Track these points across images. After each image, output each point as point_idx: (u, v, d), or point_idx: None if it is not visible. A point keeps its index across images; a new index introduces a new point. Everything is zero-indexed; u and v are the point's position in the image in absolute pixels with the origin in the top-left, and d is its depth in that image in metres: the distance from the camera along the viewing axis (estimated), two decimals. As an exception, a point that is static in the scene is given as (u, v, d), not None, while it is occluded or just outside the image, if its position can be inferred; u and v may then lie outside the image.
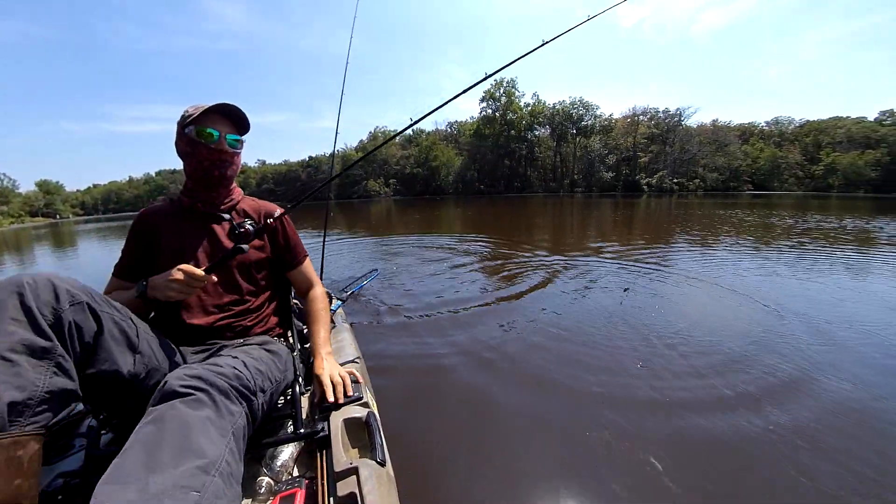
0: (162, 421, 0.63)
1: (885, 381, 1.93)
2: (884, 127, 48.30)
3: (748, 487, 1.35)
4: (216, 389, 0.73)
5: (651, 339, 2.55)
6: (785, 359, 2.23)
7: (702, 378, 2.04)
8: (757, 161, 49.84)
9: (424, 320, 3.03)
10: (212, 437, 0.64)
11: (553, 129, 51.67)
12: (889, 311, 2.95)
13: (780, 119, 57.33)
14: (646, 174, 49.80)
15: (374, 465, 0.86)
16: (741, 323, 2.84)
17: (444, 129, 62.94)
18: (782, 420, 1.69)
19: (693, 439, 1.58)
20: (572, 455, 1.47)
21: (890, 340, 2.41)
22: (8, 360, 0.63)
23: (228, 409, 0.73)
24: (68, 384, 0.70)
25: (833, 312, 2.97)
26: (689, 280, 4.10)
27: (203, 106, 1.07)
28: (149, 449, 0.59)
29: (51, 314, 0.71)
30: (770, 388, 1.94)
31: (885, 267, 4.54)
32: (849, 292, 3.51)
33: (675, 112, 50.63)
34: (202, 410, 0.68)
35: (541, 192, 49.27)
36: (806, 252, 5.52)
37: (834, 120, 52.54)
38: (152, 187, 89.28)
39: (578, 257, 5.60)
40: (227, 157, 1.13)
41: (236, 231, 1.03)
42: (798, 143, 52.21)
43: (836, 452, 1.48)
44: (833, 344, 2.41)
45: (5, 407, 0.60)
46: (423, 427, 1.72)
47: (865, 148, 46.54)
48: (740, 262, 4.93)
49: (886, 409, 1.71)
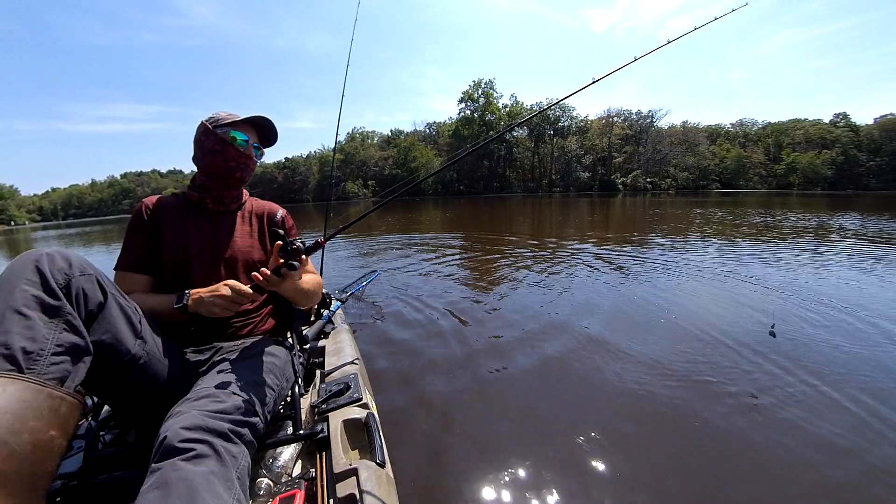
0: (166, 485, 0.63)
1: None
2: (837, 129, 51.49)
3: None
4: (216, 435, 0.73)
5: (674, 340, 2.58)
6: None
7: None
8: (724, 161, 52.19)
9: (424, 321, 3.00)
10: (217, 493, 0.65)
11: (531, 130, 52.53)
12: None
13: (744, 121, 60.20)
14: (621, 174, 51.32)
15: (374, 467, 0.86)
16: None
17: (422, 129, 62.97)
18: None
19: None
20: (574, 459, 1.46)
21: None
22: (22, 314, 0.70)
23: (231, 454, 0.72)
24: (78, 340, 0.76)
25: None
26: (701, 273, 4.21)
27: (236, 116, 1.17)
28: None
29: (62, 279, 0.77)
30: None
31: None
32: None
33: (648, 114, 52.50)
34: (205, 465, 0.67)
35: (520, 192, 50.02)
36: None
37: (793, 122, 55.58)
38: (117, 190, 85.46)
39: (573, 253, 5.69)
40: (250, 163, 1.20)
41: (289, 248, 0.96)
42: (761, 143, 54.96)
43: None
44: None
45: (20, 351, 0.67)
46: (424, 428, 1.70)
47: (822, 148, 49.51)
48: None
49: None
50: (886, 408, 1.72)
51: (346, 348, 1.50)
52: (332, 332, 1.74)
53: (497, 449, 1.52)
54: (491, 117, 50.31)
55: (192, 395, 0.82)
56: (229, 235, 1.19)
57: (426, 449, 1.55)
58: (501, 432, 1.63)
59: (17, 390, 0.63)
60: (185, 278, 1.10)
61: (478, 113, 50.89)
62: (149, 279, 1.11)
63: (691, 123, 57.03)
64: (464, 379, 2.08)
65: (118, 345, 0.83)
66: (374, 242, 7.86)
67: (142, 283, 1.10)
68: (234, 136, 1.14)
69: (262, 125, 1.21)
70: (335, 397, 1.12)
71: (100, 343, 0.81)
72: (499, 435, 1.62)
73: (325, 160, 53.17)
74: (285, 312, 1.32)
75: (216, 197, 1.19)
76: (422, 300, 3.55)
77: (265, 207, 1.32)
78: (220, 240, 1.17)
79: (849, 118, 52.65)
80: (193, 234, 1.14)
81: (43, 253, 0.79)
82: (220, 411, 0.77)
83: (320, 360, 1.48)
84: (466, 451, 1.53)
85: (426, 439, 1.61)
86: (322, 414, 1.05)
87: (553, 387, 1.98)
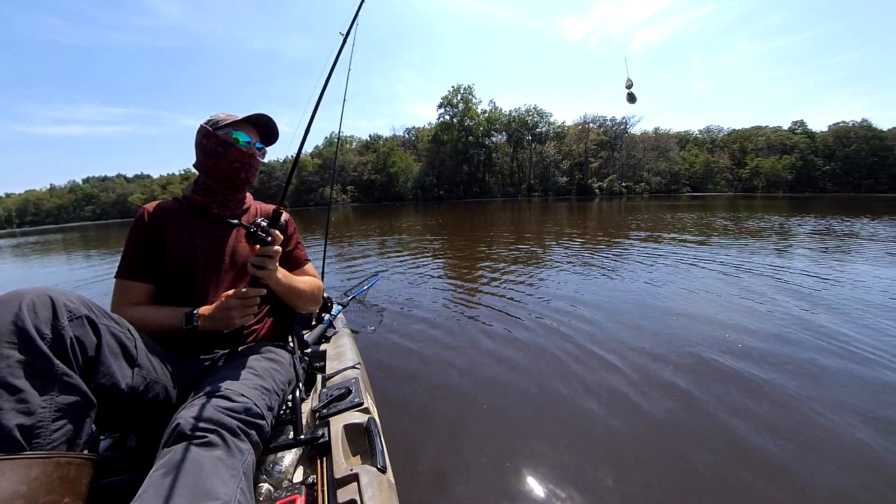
0: (175, 465, 0.65)
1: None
2: (795, 135, 54.80)
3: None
4: (226, 429, 0.74)
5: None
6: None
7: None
8: (693, 165, 54.56)
9: (426, 325, 2.96)
10: (224, 478, 0.66)
11: (510, 135, 53.34)
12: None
13: (711, 128, 63.30)
14: (597, 178, 52.75)
15: (375, 472, 0.85)
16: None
17: (401, 135, 62.93)
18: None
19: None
20: (576, 465, 1.44)
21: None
22: (9, 386, 0.62)
23: (238, 448, 0.74)
24: (79, 398, 0.70)
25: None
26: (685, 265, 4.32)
27: (235, 116, 1.13)
28: (163, 493, 0.61)
29: (51, 332, 0.69)
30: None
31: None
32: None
33: (622, 120, 54.29)
34: (214, 451, 0.69)
35: (499, 196, 50.62)
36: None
37: (755, 129, 58.79)
38: (79, 196, 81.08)
39: (569, 259, 5.76)
40: (255, 163, 1.17)
41: (252, 230, 0.94)
42: (727, 149, 57.88)
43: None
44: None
45: (17, 429, 0.61)
46: (425, 433, 1.65)
47: (782, 153, 52.53)
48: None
49: None
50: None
51: (347, 352, 1.49)
52: (334, 337, 1.74)
53: (500, 456, 1.49)
54: (470, 122, 50.77)
55: (203, 391, 0.81)
56: (236, 240, 1.16)
57: (428, 455, 1.51)
58: (505, 439, 1.60)
59: (23, 469, 0.59)
60: (190, 284, 1.07)
61: (457, 118, 51.24)
62: (150, 287, 1.07)
63: (663, 130, 59.42)
64: (466, 384, 2.05)
65: (116, 382, 0.78)
66: (374, 244, 7.78)
67: (143, 292, 1.06)
68: (236, 136, 1.11)
69: (262, 124, 1.18)
70: (336, 402, 1.10)
71: (98, 387, 0.75)
72: (502, 441, 1.58)
73: (303, 165, 52.23)
74: (286, 316, 1.29)
75: (222, 202, 1.17)
76: (423, 304, 3.52)
77: (269, 210, 1.30)
78: (225, 244, 1.14)
79: (805, 125, 56.19)
80: (199, 239, 1.11)
81: (20, 303, 0.69)
82: (230, 409, 0.77)
83: (321, 365, 1.47)
84: (469, 457, 1.49)
85: (428, 445, 1.57)
86: (323, 419, 1.04)
87: (558, 394, 1.94)
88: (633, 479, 1.36)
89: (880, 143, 49.50)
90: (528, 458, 1.46)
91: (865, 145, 49.74)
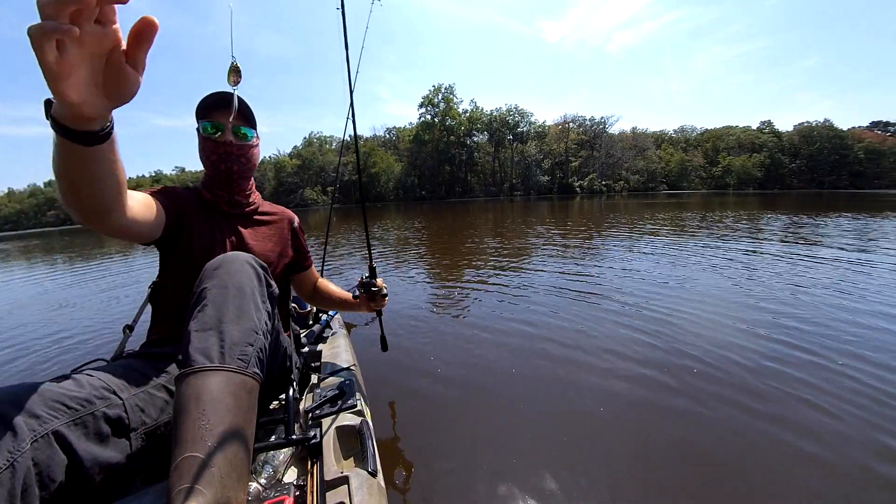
0: (225, 286, 0.78)
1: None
2: (763, 134, 57.19)
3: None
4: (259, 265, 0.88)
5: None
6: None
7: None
8: (669, 164, 56.20)
9: (422, 328, 2.90)
10: (257, 304, 0.80)
11: (491, 135, 53.68)
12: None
13: (685, 127, 65.36)
14: (577, 177, 53.70)
15: (365, 475, 0.85)
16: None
17: (382, 135, 62.36)
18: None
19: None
20: (574, 469, 1.40)
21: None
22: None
23: (268, 283, 0.88)
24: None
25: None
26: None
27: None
28: (218, 306, 0.75)
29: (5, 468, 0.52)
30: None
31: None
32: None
33: (601, 120, 55.44)
34: (254, 281, 0.83)
35: (482, 196, 50.88)
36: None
37: (726, 128, 61.05)
38: (40, 200, 76.65)
39: (563, 263, 5.79)
40: (234, 150, 1.05)
41: (369, 288, 1.29)
42: (700, 148, 59.89)
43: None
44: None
45: None
46: (417, 437, 1.62)
47: (752, 152, 54.75)
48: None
49: None
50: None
51: (342, 353, 1.48)
52: (330, 337, 1.73)
53: (492, 461, 1.45)
54: (452, 122, 50.83)
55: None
56: (251, 238, 1.14)
57: (419, 459, 1.48)
58: (497, 444, 1.56)
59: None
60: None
61: (438, 118, 51.21)
62: (152, 203, 0.93)
63: (640, 129, 61.01)
64: (460, 388, 2.01)
65: (111, 464, 0.69)
66: (358, 243, 7.64)
67: (144, 200, 0.90)
68: (204, 127, 1.02)
69: (226, 101, 1.01)
70: (329, 403, 1.08)
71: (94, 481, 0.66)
72: (495, 447, 1.54)
73: (281, 166, 51.18)
74: (284, 316, 1.25)
75: (227, 201, 1.12)
76: (420, 306, 3.46)
77: (282, 213, 1.28)
78: (243, 241, 1.11)
79: (773, 125, 58.71)
80: (218, 233, 1.08)
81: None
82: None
83: (316, 365, 1.46)
84: (460, 461, 1.46)
85: (419, 449, 1.54)
86: (315, 419, 1.02)
87: (552, 400, 1.88)
88: (623, 482, 1.36)
89: (841, 141, 52.35)
90: (524, 466, 1.42)
91: (828, 144, 52.51)
